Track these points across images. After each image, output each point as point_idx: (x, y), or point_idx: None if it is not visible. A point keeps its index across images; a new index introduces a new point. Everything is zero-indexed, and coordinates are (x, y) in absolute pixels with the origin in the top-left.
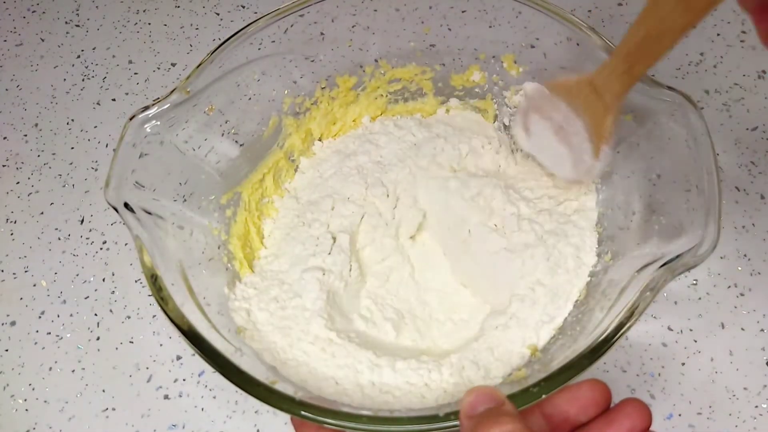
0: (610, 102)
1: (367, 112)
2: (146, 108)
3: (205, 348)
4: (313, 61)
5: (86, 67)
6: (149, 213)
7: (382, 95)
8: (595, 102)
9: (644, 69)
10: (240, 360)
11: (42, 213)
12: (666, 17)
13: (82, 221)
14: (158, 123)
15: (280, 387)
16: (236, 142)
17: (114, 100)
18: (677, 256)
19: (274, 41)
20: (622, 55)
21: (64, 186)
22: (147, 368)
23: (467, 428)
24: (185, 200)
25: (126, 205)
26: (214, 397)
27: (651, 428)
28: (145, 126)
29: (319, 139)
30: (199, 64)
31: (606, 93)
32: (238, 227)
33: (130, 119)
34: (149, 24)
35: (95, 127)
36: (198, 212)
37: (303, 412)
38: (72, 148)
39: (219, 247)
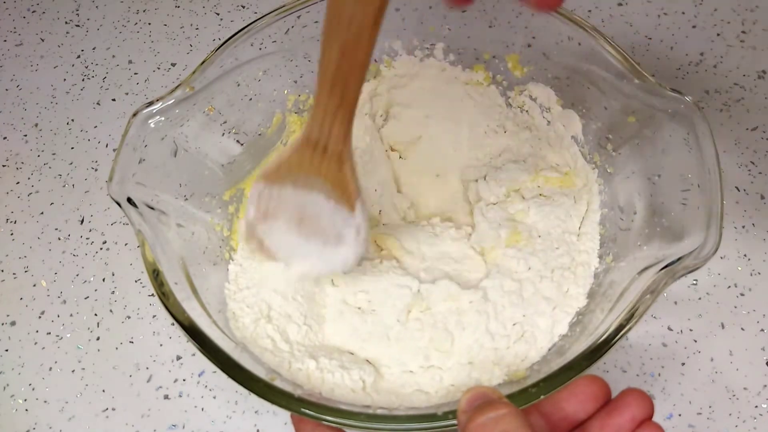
0: (337, 149)
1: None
2: (150, 103)
3: (206, 344)
4: (311, 61)
5: (86, 67)
6: (152, 208)
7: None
8: (320, 160)
9: (358, 87)
10: (240, 356)
11: (42, 213)
12: (353, 14)
13: (82, 221)
14: (162, 119)
15: (280, 384)
16: (237, 141)
17: (114, 100)
18: (678, 259)
19: (275, 41)
20: (327, 86)
21: (64, 186)
22: (147, 368)
23: (463, 422)
24: (188, 196)
25: (129, 200)
26: (214, 397)
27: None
28: (149, 122)
29: None
30: (204, 61)
31: (329, 142)
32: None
33: (134, 115)
34: (149, 24)
35: (95, 127)
36: (200, 208)
37: (302, 409)
38: (72, 148)
39: (221, 246)
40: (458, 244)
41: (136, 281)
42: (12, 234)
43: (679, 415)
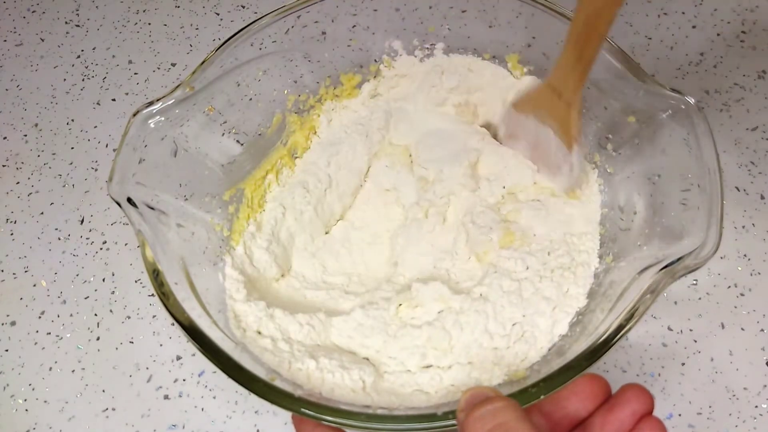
0: (570, 98)
1: None
2: (150, 103)
3: (206, 344)
4: (311, 61)
5: (86, 67)
6: (152, 208)
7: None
8: (556, 103)
9: (594, 52)
10: (240, 357)
11: (42, 213)
12: None
13: (82, 221)
14: (162, 119)
15: (280, 384)
16: (237, 141)
17: (114, 100)
18: (678, 259)
19: (275, 41)
20: (572, 43)
21: (64, 186)
22: (147, 368)
23: (461, 420)
24: (188, 196)
25: (129, 200)
26: (214, 397)
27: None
28: (149, 122)
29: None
30: (204, 61)
31: (564, 90)
32: (241, 223)
33: (134, 115)
34: (149, 24)
35: (95, 127)
36: (200, 208)
37: (302, 409)
38: (72, 148)
39: (221, 246)
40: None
41: (136, 281)
42: (12, 234)
43: (679, 415)
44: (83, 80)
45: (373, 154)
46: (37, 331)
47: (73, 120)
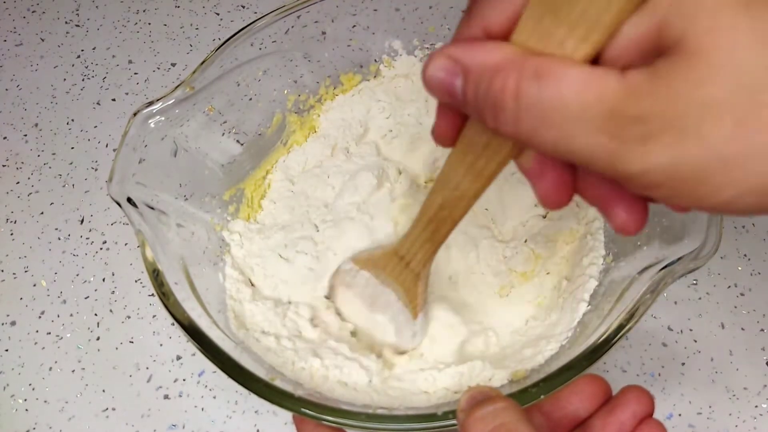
0: (418, 270)
1: None
2: (151, 103)
3: (206, 344)
4: (311, 61)
5: (86, 67)
6: (152, 208)
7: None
8: (402, 271)
9: (445, 235)
10: (240, 356)
11: (42, 213)
12: (458, 185)
13: (82, 221)
14: (162, 119)
15: (280, 384)
16: (237, 141)
17: (114, 100)
18: (678, 259)
19: (275, 41)
20: (423, 223)
21: (64, 186)
22: (147, 368)
23: (462, 420)
24: (188, 196)
25: (129, 200)
26: (214, 397)
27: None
28: (149, 122)
29: None
30: (204, 61)
31: (412, 261)
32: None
33: (134, 115)
34: (149, 24)
35: (95, 127)
36: (200, 208)
37: (302, 409)
38: (72, 148)
39: (221, 246)
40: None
41: (136, 281)
42: (12, 234)
43: (679, 415)
44: (83, 80)
45: None
46: (37, 331)
47: (73, 120)
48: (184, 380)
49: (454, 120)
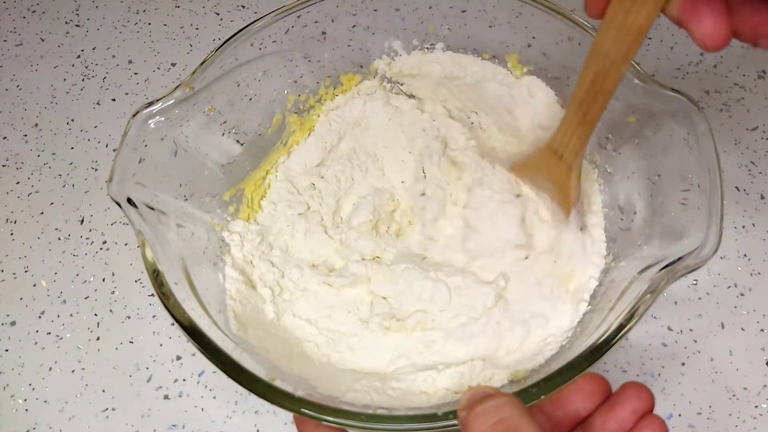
0: (571, 160)
1: None
2: (150, 104)
3: (206, 344)
4: (311, 61)
5: (86, 67)
6: (152, 208)
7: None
8: (556, 165)
9: (599, 112)
10: (240, 357)
11: (42, 213)
12: (609, 51)
13: (82, 221)
14: (162, 119)
15: (280, 384)
16: (237, 141)
17: (114, 100)
18: (678, 259)
19: (275, 41)
20: (576, 104)
21: (64, 186)
22: (147, 368)
23: (462, 417)
24: (188, 196)
25: (129, 200)
26: (214, 397)
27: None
28: (149, 122)
29: None
30: (204, 61)
31: (565, 152)
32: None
33: (134, 115)
34: (149, 24)
35: (95, 127)
36: (200, 208)
37: (302, 409)
38: (72, 148)
39: (221, 246)
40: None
41: (136, 281)
42: (12, 234)
43: (679, 415)
44: (83, 80)
45: None
46: (37, 331)
47: (73, 120)
48: (184, 380)
49: None
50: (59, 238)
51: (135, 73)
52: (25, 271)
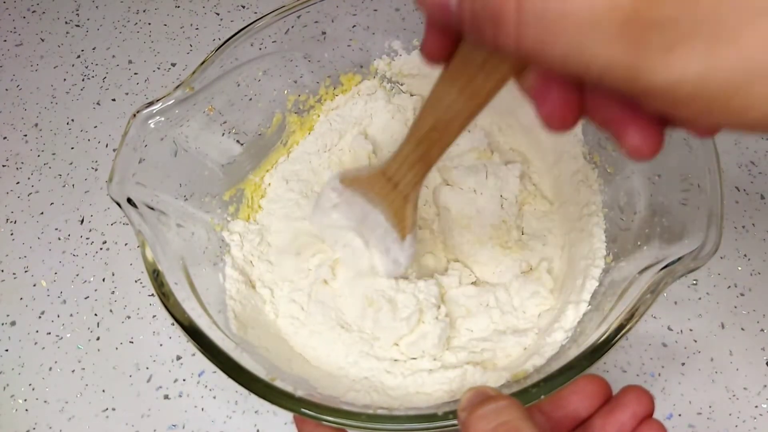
0: (406, 191)
1: None
2: (151, 103)
3: (206, 344)
4: (311, 61)
5: (86, 67)
6: (152, 208)
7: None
8: (390, 192)
9: (437, 155)
10: (240, 357)
11: (42, 213)
12: (451, 106)
13: (82, 221)
14: (162, 119)
15: (280, 384)
16: (237, 141)
17: (114, 100)
18: (678, 259)
19: (275, 41)
20: (413, 144)
21: (64, 186)
22: (147, 368)
23: (463, 419)
24: (187, 196)
25: (129, 200)
26: (214, 397)
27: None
28: (149, 122)
29: None
30: (204, 61)
31: (401, 183)
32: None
33: (134, 115)
34: (149, 24)
35: (95, 127)
36: (200, 208)
37: (302, 409)
38: (72, 148)
39: (221, 246)
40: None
41: (136, 281)
42: (12, 234)
43: (679, 415)
44: (83, 80)
45: None
46: (37, 331)
47: (73, 120)
48: (184, 380)
49: (446, 38)
50: (59, 238)
51: (135, 73)
52: (25, 271)
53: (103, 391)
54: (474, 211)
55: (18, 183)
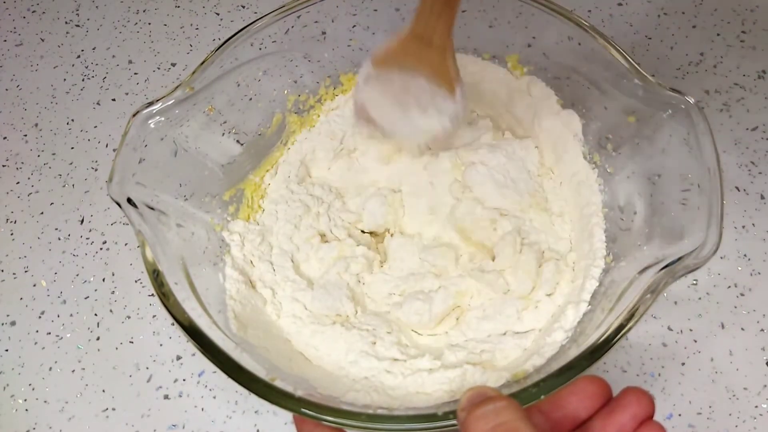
0: (441, 43)
1: None
2: (150, 104)
3: (206, 344)
4: (311, 61)
5: (86, 67)
6: (152, 208)
7: None
8: (425, 51)
9: None
10: (240, 357)
11: (42, 213)
12: None
13: (82, 221)
14: (162, 119)
15: (280, 384)
16: (237, 141)
17: (114, 100)
18: (678, 259)
19: (275, 41)
20: None
21: (64, 186)
22: (147, 368)
23: (462, 419)
24: (188, 196)
25: (129, 200)
26: (214, 397)
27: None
28: (149, 122)
29: None
30: (204, 61)
31: (434, 36)
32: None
33: (134, 115)
34: (149, 24)
35: (95, 127)
36: (200, 208)
37: (302, 409)
38: (72, 148)
39: (221, 246)
40: None
41: (136, 281)
42: (12, 234)
43: (679, 415)
44: (83, 80)
45: None
46: (37, 331)
47: (73, 120)
48: (184, 380)
49: None
50: (59, 238)
51: (135, 73)
52: (25, 271)
53: (103, 391)
54: (509, 181)
55: (18, 183)
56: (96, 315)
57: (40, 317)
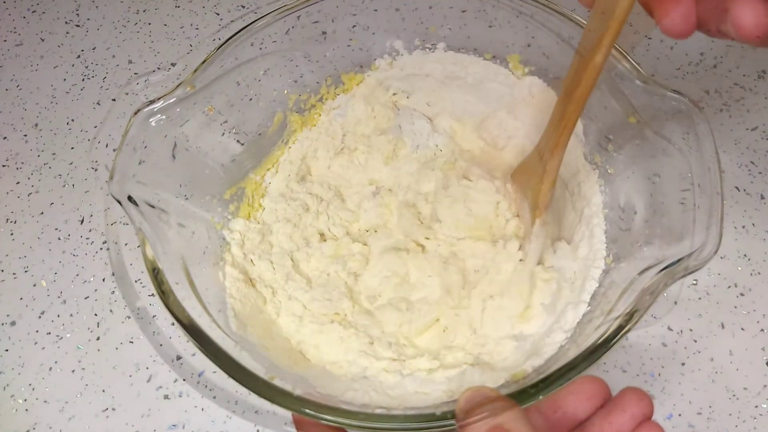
0: (547, 160)
1: None
2: (151, 102)
3: (206, 342)
4: (311, 60)
5: (86, 67)
6: (153, 206)
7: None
8: (535, 168)
9: (576, 111)
10: (240, 355)
11: (42, 213)
12: (592, 32)
13: (82, 221)
14: (163, 118)
15: (279, 383)
16: (238, 141)
17: (114, 100)
18: (679, 260)
19: (275, 41)
20: (558, 103)
21: (64, 186)
22: (147, 368)
23: (461, 418)
24: (188, 196)
25: (130, 198)
26: (214, 397)
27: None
28: (150, 120)
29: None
30: (204, 61)
31: (545, 151)
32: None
33: (135, 113)
34: (149, 24)
35: (95, 127)
36: (201, 207)
37: (302, 408)
38: (72, 148)
39: (221, 246)
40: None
41: (136, 281)
42: (12, 234)
43: (679, 415)
44: (83, 80)
45: None
46: (37, 331)
47: (73, 120)
48: (184, 380)
49: None
50: (59, 238)
51: (135, 73)
52: (25, 271)
53: (103, 391)
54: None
55: (18, 183)
56: (96, 315)
57: (40, 317)
